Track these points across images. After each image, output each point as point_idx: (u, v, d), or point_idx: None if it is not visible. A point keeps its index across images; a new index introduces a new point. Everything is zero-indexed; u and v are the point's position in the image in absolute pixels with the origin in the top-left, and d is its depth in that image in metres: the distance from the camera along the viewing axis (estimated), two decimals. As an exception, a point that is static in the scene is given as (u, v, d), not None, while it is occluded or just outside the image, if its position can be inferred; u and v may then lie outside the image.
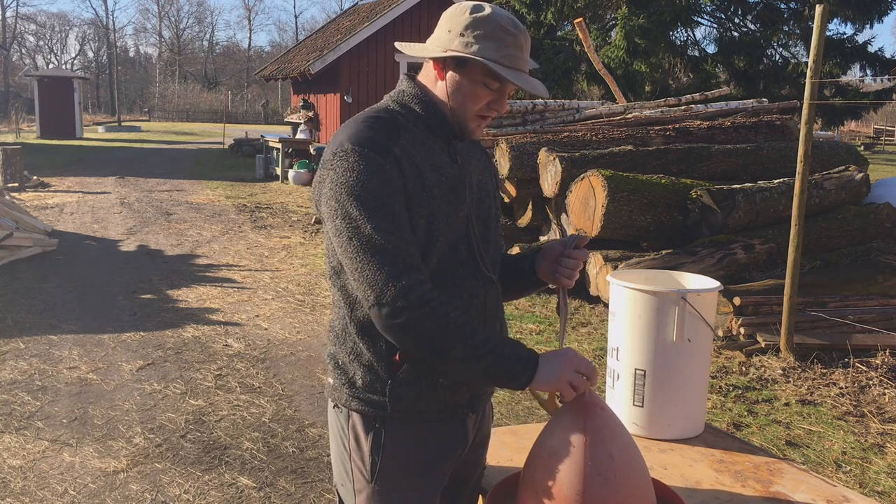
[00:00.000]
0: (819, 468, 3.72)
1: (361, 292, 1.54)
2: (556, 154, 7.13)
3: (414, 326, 1.51)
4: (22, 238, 8.22)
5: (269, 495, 3.43)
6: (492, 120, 1.70)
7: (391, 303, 1.50)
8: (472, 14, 1.59)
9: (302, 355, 5.38)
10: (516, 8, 18.93)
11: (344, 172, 1.54)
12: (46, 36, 68.25)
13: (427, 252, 1.59)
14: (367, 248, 1.51)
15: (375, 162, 1.54)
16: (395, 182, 1.54)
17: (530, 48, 1.65)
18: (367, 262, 1.51)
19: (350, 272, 1.56)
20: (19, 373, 4.88)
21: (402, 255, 1.52)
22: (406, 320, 1.50)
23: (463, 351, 1.52)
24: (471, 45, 1.57)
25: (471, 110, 1.63)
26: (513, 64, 1.59)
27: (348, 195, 1.53)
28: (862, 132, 38.52)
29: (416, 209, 1.57)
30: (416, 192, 1.57)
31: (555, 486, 1.51)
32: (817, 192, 6.93)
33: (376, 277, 1.51)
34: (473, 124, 1.66)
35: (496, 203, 1.81)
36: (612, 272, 2.47)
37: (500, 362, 1.53)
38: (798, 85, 16.55)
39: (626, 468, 1.53)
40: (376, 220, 1.51)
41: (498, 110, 1.65)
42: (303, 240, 9.74)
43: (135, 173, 17.06)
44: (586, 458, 1.50)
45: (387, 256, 1.51)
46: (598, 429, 1.53)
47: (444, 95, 1.64)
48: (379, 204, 1.52)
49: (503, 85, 1.62)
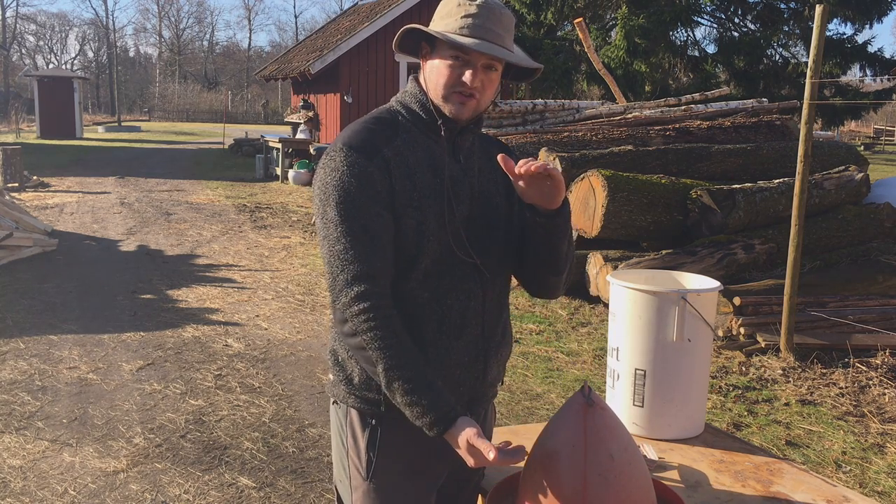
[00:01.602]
0: (819, 468, 3.72)
1: (328, 289, 1.63)
2: (556, 154, 7.13)
3: (353, 336, 1.59)
4: (22, 238, 8.22)
5: (269, 495, 3.43)
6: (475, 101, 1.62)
7: (342, 308, 1.59)
8: (441, 3, 1.67)
9: (302, 355, 5.38)
10: (516, 8, 18.94)
11: (330, 172, 1.60)
12: (46, 36, 68.32)
13: (416, 252, 1.60)
14: (333, 251, 1.58)
15: (358, 164, 1.58)
16: (377, 185, 1.58)
17: (528, 47, 1.66)
18: (331, 264, 1.59)
19: (324, 269, 1.64)
20: (19, 373, 4.88)
21: (363, 262, 1.57)
22: (349, 329, 1.59)
23: (386, 380, 1.56)
24: (435, 25, 1.64)
25: (441, 87, 1.62)
26: (476, 34, 1.59)
27: (328, 196, 1.59)
28: (862, 132, 38.52)
29: (404, 209, 1.59)
30: (406, 192, 1.59)
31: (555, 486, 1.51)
32: (817, 192, 6.93)
33: (336, 280, 1.58)
34: (450, 103, 1.62)
35: (510, 199, 1.75)
36: (612, 272, 2.47)
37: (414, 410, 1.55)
38: (798, 85, 16.56)
39: (627, 468, 1.52)
40: (347, 223, 1.57)
41: (470, 83, 1.60)
42: (303, 240, 9.74)
43: (135, 173, 17.06)
44: (586, 458, 1.50)
45: (347, 261, 1.57)
46: (598, 429, 1.53)
47: (426, 85, 1.67)
48: (354, 207, 1.57)
49: (469, 56, 1.59)
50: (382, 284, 1.59)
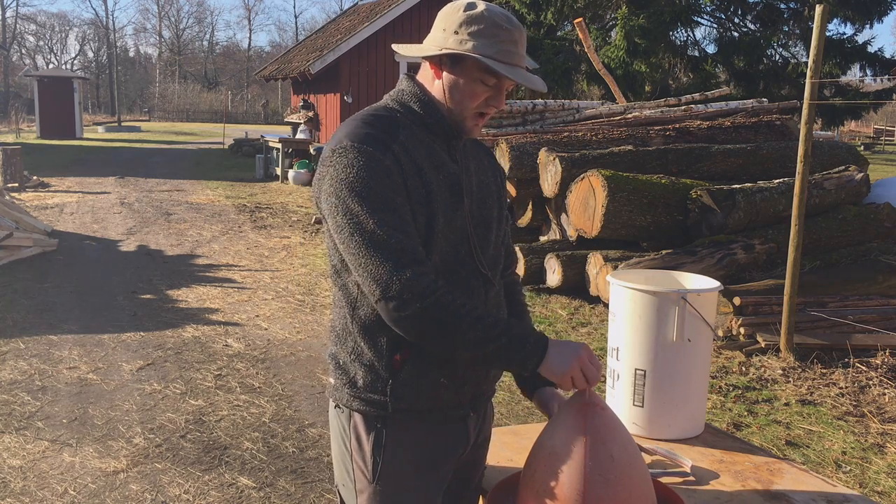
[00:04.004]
0: (819, 468, 3.71)
1: (367, 287, 1.54)
2: (556, 154, 7.12)
3: (423, 317, 1.51)
4: (22, 238, 8.22)
5: (269, 495, 3.43)
6: (490, 118, 1.69)
7: (398, 295, 1.50)
8: (465, 11, 1.59)
9: (302, 355, 5.38)
10: (516, 8, 18.94)
11: (344, 169, 1.54)
12: (46, 36, 68.29)
13: (428, 249, 1.59)
14: (370, 243, 1.51)
15: (375, 158, 1.54)
16: (395, 178, 1.55)
17: (528, 47, 1.66)
18: (370, 256, 1.51)
19: (354, 268, 1.55)
20: (19, 373, 4.88)
21: (406, 249, 1.51)
22: (414, 312, 1.50)
23: (474, 336, 1.52)
24: (465, 42, 1.58)
25: (468, 108, 1.63)
26: (508, 59, 1.58)
27: (349, 191, 1.53)
28: (862, 132, 38.51)
29: (416, 206, 1.57)
30: (416, 189, 1.58)
31: (555, 486, 1.51)
32: (817, 192, 6.93)
33: (381, 271, 1.50)
34: (471, 122, 1.65)
35: (500, 205, 1.80)
36: (612, 272, 2.47)
37: (511, 345, 1.54)
38: (798, 85, 16.56)
39: (627, 468, 1.53)
40: (378, 215, 1.52)
41: (496, 107, 1.65)
42: (303, 240, 9.74)
43: (135, 173, 17.06)
44: (587, 458, 1.50)
45: (390, 250, 1.50)
46: (599, 429, 1.53)
47: (441, 94, 1.64)
48: (379, 199, 1.52)
49: (500, 81, 1.61)
50: (429, 266, 1.55)
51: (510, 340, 1.53)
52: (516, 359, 1.55)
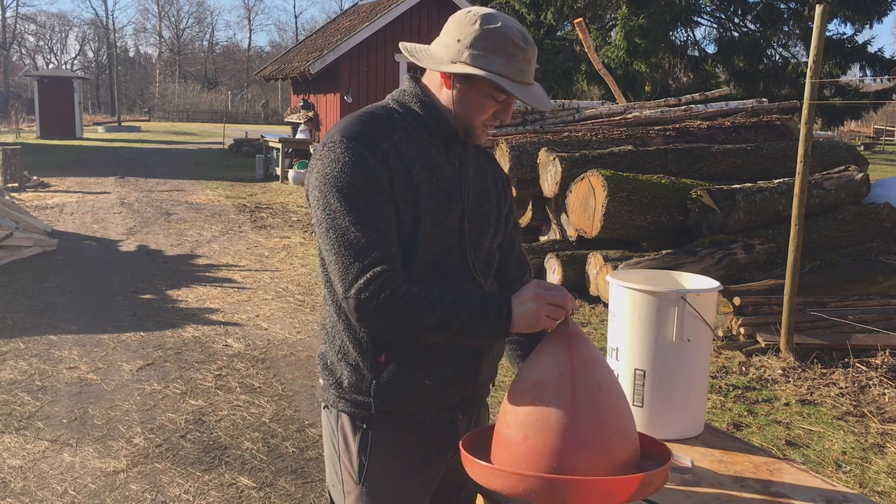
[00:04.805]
0: (819, 468, 3.71)
1: (336, 284, 1.55)
2: (556, 154, 7.13)
3: (380, 312, 1.51)
4: (22, 238, 8.22)
5: (269, 495, 3.43)
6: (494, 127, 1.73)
7: (356, 294, 1.51)
8: (482, 26, 1.58)
9: (302, 355, 5.38)
10: (516, 8, 18.95)
11: (330, 163, 1.56)
12: (46, 36, 68.32)
13: (412, 250, 1.59)
14: (342, 242, 1.52)
15: (361, 155, 1.55)
16: (379, 176, 1.55)
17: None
18: (340, 254, 1.53)
19: (327, 263, 1.57)
20: (19, 373, 4.88)
21: (376, 247, 1.52)
22: (371, 309, 1.51)
23: (435, 319, 1.50)
24: (479, 58, 1.57)
25: (477, 119, 1.64)
26: (521, 78, 1.59)
27: (331, 186, 1.54)
28: (862, 132, 38.53)
29: (402, 206, 1.58)
30: (403, 189, 1.58)
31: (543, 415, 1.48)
32: (817, 192, 6.93)
33: (347, 271, 1.52)
34: (479, 131, 1.67)
35: (500, 210, 1.79)
36: (611, 272, 2.47)
37: (474, 318, 1.51)
38: (798, 85, 16.57)
39: (613, 396, 1.52)
40: (355, 212, 1.53)
41: (502, 120, 1.67)
42: (303, 240, 9.74)
43: (135, 173, 17.06)
44: (575, 386, 1.48)
45: (359, 250, 1.51)
46: (584, 357, 1.51)
47: (449, 102, 1.64)
48: (359, 196, 1.53)
49: (509, 97, 1.63)
50: (400, 268, 1.54)
51: (472, 314, 1.50)
52: (483, 329, 1.52)
